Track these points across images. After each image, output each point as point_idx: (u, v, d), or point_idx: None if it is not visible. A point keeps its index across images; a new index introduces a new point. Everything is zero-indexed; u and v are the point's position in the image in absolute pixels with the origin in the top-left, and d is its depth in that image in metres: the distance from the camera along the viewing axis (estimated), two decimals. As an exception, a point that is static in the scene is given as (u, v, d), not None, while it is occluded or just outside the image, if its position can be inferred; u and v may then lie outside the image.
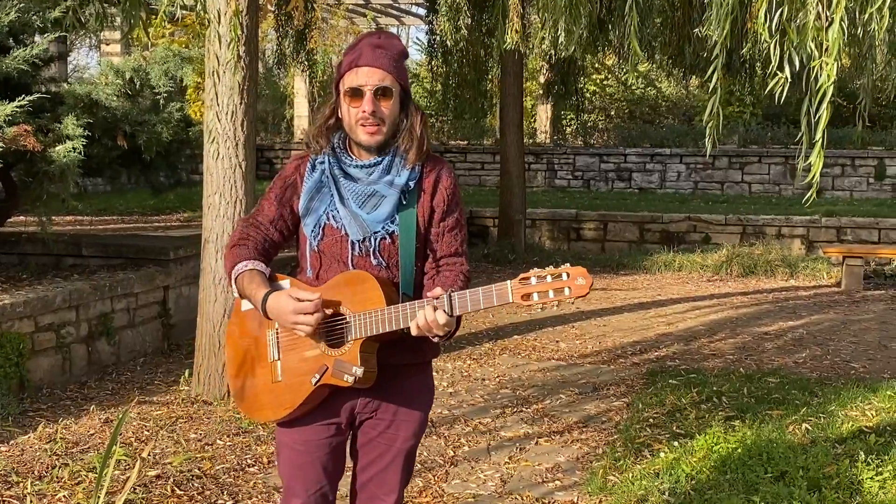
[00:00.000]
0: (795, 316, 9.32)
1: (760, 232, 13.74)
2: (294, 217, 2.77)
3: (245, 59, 6.12)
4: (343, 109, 2.66)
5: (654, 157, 18.68)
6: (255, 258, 2.72)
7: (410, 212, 2.66)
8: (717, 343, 8.06)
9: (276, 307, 2.58)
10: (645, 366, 7.21)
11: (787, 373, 6.88)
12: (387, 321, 2.54)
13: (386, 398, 2.74)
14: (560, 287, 2.43)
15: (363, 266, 2.65)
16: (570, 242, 14.23)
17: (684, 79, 14.45)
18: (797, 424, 5.45)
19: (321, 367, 2.60)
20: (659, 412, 5.81)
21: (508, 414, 5.93)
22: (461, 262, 2.74)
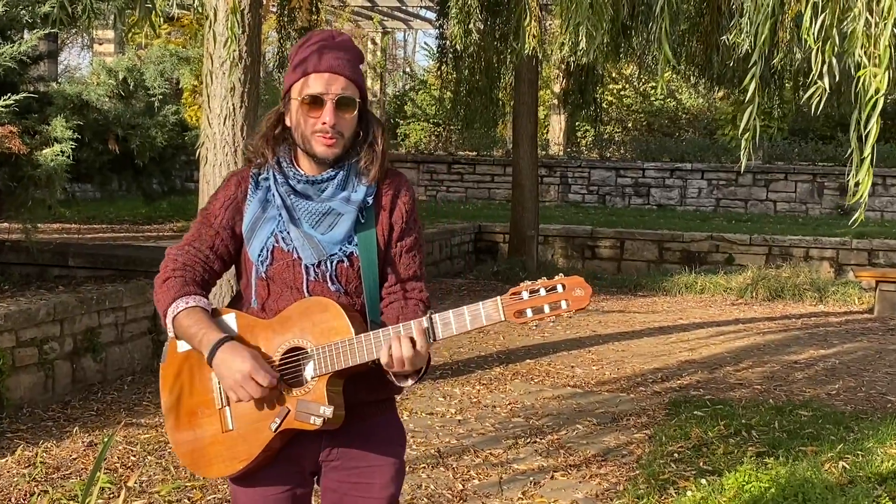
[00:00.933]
0: (826, 344, 9.18)
1: (787, 253, 13.61)
2: (237, 241, 2.56)
3: (246, 59, 6.04)
4: (295, 117, 2.47)
5: (674, 172, 18.58)
6: (195, 292, 2.49)
7: (370, 231, 2.50)
8: (744, 371, 7.92)
9: (228, 358, 2.35)
10: (667, 395, 7.07)
11: (820, 405, 6.74)
12: (356, 353, 2.35)
13: (354, 442, 2.53)
14: (556, 300, 2.29)
15: (320, 293, 2.46)
16: (585, 261, 14.11)
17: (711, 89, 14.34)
18: (833, 462, 5.31)
19: (281, 410, 2.38)
20: (684, 446, 5.68)
21: (521, 445, 5.79)
22: (419, 287, 2.56)
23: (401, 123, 25.22)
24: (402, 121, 25.39)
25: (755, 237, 13.84)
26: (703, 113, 25.99)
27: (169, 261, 2.54)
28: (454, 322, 2.34)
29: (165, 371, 2.55)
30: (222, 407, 2.46)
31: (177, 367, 2.52)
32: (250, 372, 2.33)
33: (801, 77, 11.30)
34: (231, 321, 2.48)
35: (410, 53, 39.55)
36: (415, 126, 24.84)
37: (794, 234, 14.11)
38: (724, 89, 14.97)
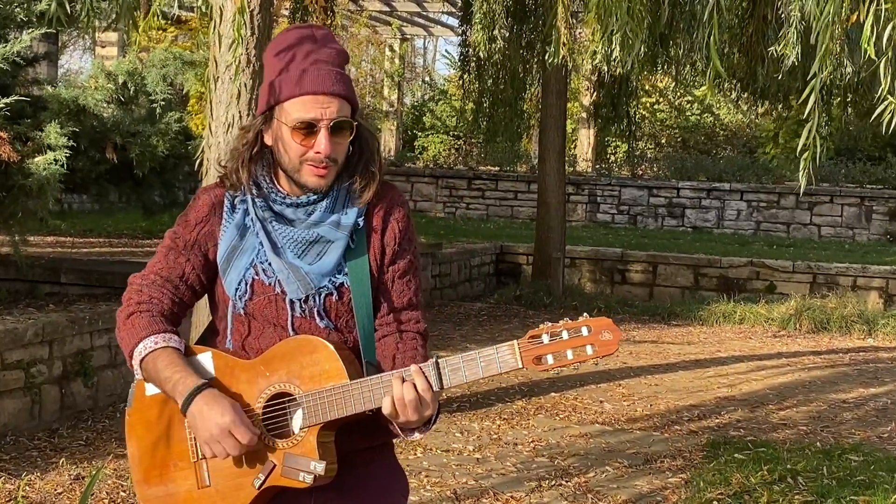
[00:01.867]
0: (877, 381, 8.99)
1: (833, 282, 13.42)
2: (210, 269, 2.37)
3: (254, 63, 5.92)
4: (283, 140, 2.28)
5: (711, 192, 18.45)
6: (164, 329, 2.30)
7: (362, 258, 2.33)
8: (788, 411, 7.74)
9: (205, 409, 2.18)
10: (704, 435, 6.91)
11: (872, 449, 6.57)
12: (353, 401, 2.19)
13: (348, 494, 2.35)
14: (580, 345, 2.15)
15: (307, 330, 2.30)
16: (614, 286, 13.96)
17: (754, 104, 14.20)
18: (889, 514, 5.14)
19: (266, 464, 2.22)
20: (724, 493, 5.51)
21: (546, 488, 5.64)
22: (416, 317, 2.39)
23: (419, 135, 25.21)
24: (420, 133, 25.38)
25: (798, 264, 13.66)
26: (742, 130, 25.87)
27: (133, 292, 2.36)
28: (464, 368, 2.19)
29: (132, 417, 2.37)
30: (198, 460, 2.29)
31: (145, 412, 2.35)
32: (229, 426, 2.16)
33: (851, 93, 11.16)
34: (207, 361, 2.30)
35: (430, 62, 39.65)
36: (434, 139, 24.81)
37: (841, 261, 13.92)
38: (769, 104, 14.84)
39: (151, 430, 2.33)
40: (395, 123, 24.23)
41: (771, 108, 17.45)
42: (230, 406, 2.18)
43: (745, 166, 19.80)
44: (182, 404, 2.21)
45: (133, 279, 2.37)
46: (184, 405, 2.20)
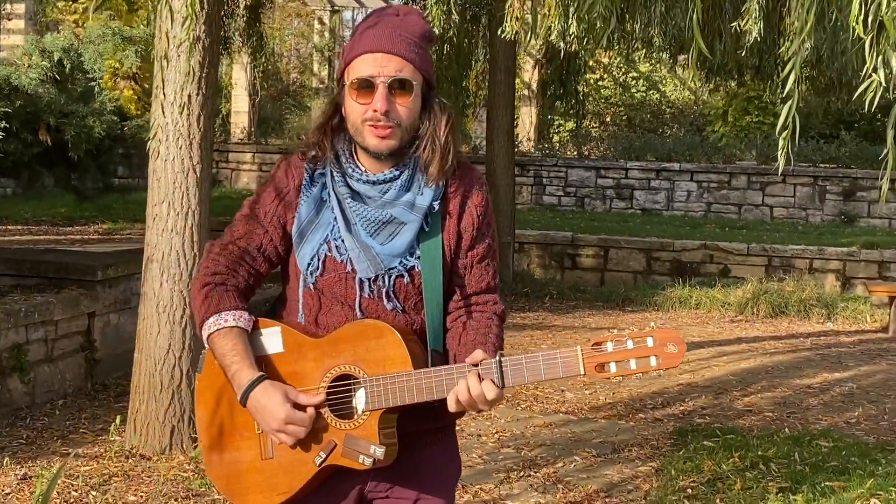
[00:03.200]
0: (841, 367, 9.29)
1: (789, 265, 13.77)
2: (286, 242, 2.49)
3: (204, 40, 5.98)
4: (348, 105, 2.39)
5: (661, 172, 18.72)
6: (236, 306, 2.43)
7: (435, 241, 2.42)
8: (752, 397, 7.99)
9: (262, 406, 2.34)
10: (670, 422, 7.12)
11: (841, 435, 6.81)
12: (415, 391, 2.32)
13: (405, 476, 2.50)
14: (645, 356, 2.29)
15: (374, 310, 2.42)
16: (564, 271, 14.16)
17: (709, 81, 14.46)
18: (864, 500, 5.36)
19: (328, 443, 2.36)
20: (696, 480, 5.71)
21: (514, 479, 5.78)
22: (493, 299, 2.52)
23: (351, 114, 25.15)
24: (352, 111, 25.31)
25: (753, 246, 13.99)
26: (689, 107, 26.24)
27: (209, 261, 2.49)
28: (526, 369, 2.31)
29: (201, 384, 2.52)
30: (262, 431, 2.43)
31: (214, 380, 2.48)
32: (286, 419, 2.32)
33: (809, 68, 11.46)
34: (276, 337, 2.44)
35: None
36: (367, 117, 24.77)
37: (795, 243, 14.28)
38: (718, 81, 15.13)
39: (220, 398, 2.47)
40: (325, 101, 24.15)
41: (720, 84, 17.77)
42: (283, 399, 2.33)
43: (694, 145, 20.10)
44: (240, 398, 2.35)
45: (211, 246, 2.49)
46: (242, 400, 2.35)
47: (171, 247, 6.00)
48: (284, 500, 2.42)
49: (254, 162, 20.28)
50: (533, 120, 22.12)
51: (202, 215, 6.08)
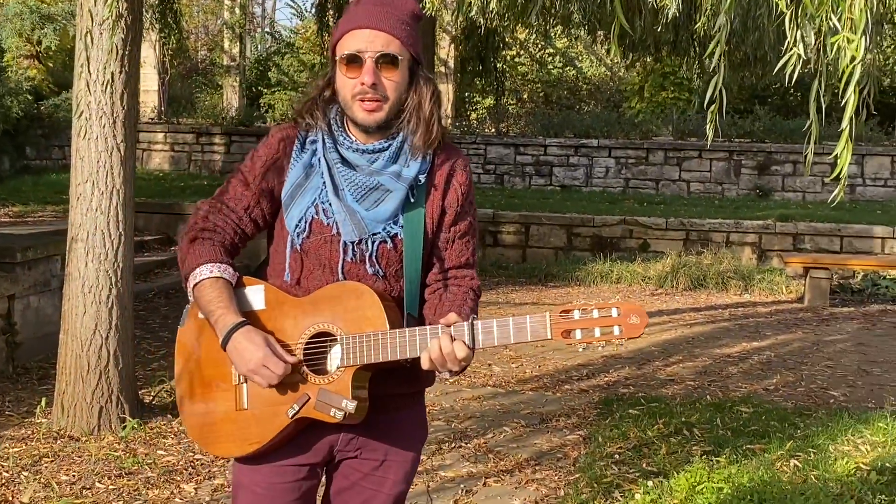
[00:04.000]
0: (759, 336, 9.64)
1: (706, 238, 14.13)
2: (274, 204, 2.64)
3: (127, 17, 6.02)
4: (339, 80, 2.56)
5: (579, 149, 19.00)
6: (221, 259, 2.58)
7: (419, 211, 2.57)
8: (674, 367, 8.27)
9: (243, 348, 2.47)
10: (596, 393, 7.35)
11: (760, 401, 7.11)
12: (389, 348, 2.46)
13: (375, 434, 2.66)
14: (609, 325, 2.43)
15: (356, 274, 2.57)
16: (486, 248, 14.35)
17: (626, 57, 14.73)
18: (784, 461, 5.64)
19: (301, 396, 2.50)
20: (623, 447, 5.94)
21: (446, 450, 5.96)
22: (471, 275, 2.69)
23: (265, 92, 24.99)
24: (265, 89, 25.15)
25: (671, 221, 14.32)
26: (605, 83, 26.63)
27: (199, 218, 2.63)
28: (497, 331, 2.44)
29: (183, 336, 2.66)
30: (239, 384, 2.57)
31: (195, 332, 2.63)
32: (263, 360, 2.45)
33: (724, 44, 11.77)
34: (258, 295, 2.58)
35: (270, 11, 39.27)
36: (281, 95, 24.65)
37: (712, 217, 14.65)
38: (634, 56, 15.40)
39: (199, 350, 2.63)
40: (237, 79, 23.97)
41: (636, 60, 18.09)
42: (264, 341, 2.47)
43: (611, 121, 20.41)
44: (222, 340, 2.49)
45: (201, 204, 2.63)
46: (223, 341, 2.48)
47: (96, 226, 6.05)
48: (256, 449, 2.56)
49: (165, 142, 20.12)
50: (450, 97, 22.23)
51: (127, 194, 6.13)
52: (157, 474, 5.35)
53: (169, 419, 6.27)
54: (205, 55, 30.26)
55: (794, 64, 4.43)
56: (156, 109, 21.68)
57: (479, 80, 16.64)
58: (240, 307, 2.55)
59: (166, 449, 5.80)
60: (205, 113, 22.32)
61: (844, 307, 11.62)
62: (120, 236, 6.11)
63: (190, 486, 5.22)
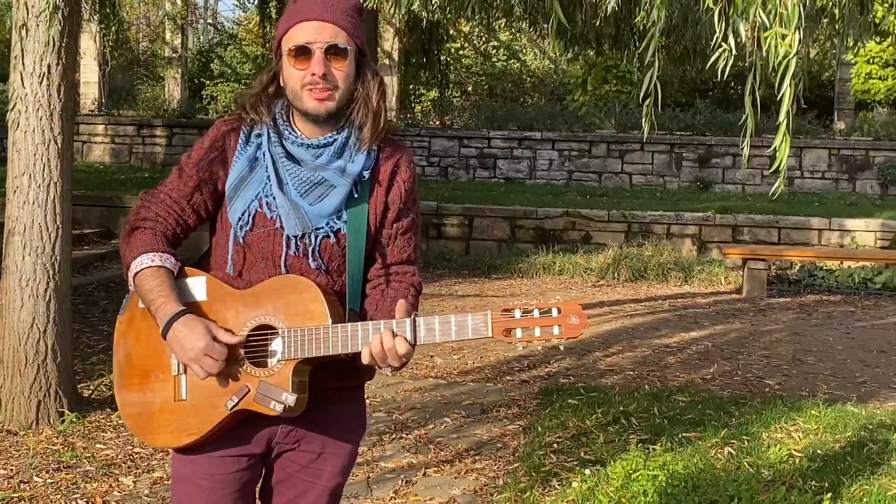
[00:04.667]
0: (697, 326, 9.78)
1: (647, 230, 14.30)
2: (217, 196, 2.65)
3: (64, 9, 5.98)
4: (286, 72, 2.57)
5: (523, 141, 19.11)
6: (163, 249, 2.59)
7: (362, 207, 2.59)
8: (614, 357, 8.38)
9: (182, 337, 2.47)
10: (536, 383, 7.43)
11: (697, 390, 7.23)
12: (331, 343, 2.47)
13: (313, 427, 2.67)
14: (549, 325, 2.46)
15: (298, 268, 2.58)
16: (430, 241, 14.40)
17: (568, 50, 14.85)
18: (719, 448, 5.75)
19: (241, 388, 2.51)
20: (562, 436, 6.01)
21: (387, 441, 6.00)
22: (412, 271, 2.71)
23: (207, 84, 24.84)
24: (208, 81, 25.00)
25: (613, 213, 14.47)
26: (549, 76, 26.78)
27: (141, 208, 2.63)
28: (438, 328, 2.46)
29: (122, 326, 2.65)
30: (178, 374, 2.57)
31: (135, 323, 2.62)
32: (205, 349, 2.46)
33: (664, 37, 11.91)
34: (200, 286, 2.59)
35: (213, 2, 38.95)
36: (223, 87, 24.52)
37: (654, 209, 14.82)
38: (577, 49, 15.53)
39: (139, 340, 2.61)
40: (179, 71, 23.79)
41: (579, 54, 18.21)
42: (205, 330, 2.47)
43: (555, 114, 20.54)
44: (162, 329, 2.49)
45: (143, 194, 2.63)
46: (163, 330, 2.48)
47: (34, 220, 6.01)
48: (193, 440, 2.56)
49: (106, 134, 19.95)
50: (395, 90, 22.23)
51: (64, 187, 6.10)
52: (95, 468, 5.34)
53: (108, 413, 6.25)
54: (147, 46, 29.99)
55: (725, 59, 4.52)
56: (96, 101, 21.47)
57: (423, 73, 16.65)
58: (181, 298, 2.54)
59: (105, 442, 5.78)
60: (146, 105, 22.15)
61: (781, 297, 11.83)
62: (57, 229, 6.07)
63: (129, 479, 5.22)
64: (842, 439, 6.00)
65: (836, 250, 13.65)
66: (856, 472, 5.37)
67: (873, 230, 14.18)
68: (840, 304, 11.55)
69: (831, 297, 12.03)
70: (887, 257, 12.71)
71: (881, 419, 6.47)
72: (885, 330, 10.00)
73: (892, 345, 9.25)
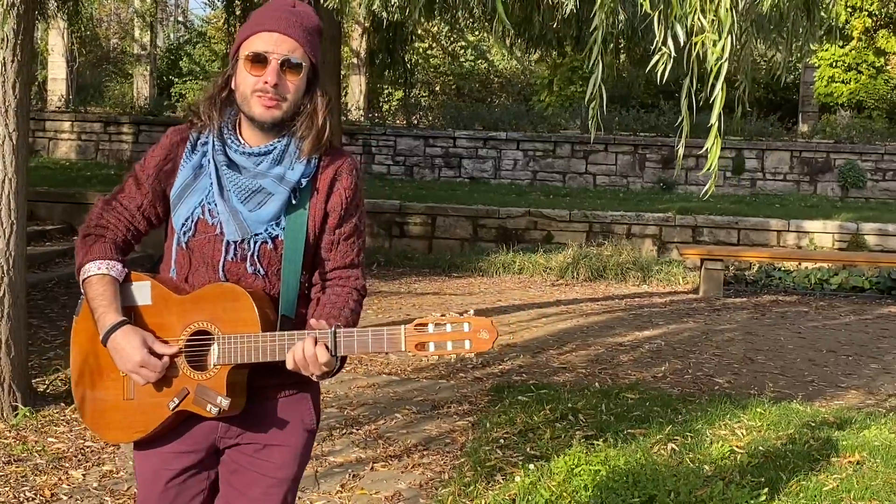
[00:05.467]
0: (651, 325, 9.90)
1: (608, 230, 14.43)
2: (166, 203, 2.77)
3: (19, 6, 6.00)
4: (239, 77, 2.67)
5: (488, 141, 19.22)
6: (111, 255, 2.71)
7: (300, 213, 2.69)
8: (568, 355, 8.47)
9: (121, 348, 2.61)
10: (489, 381, 7.50)
11: (647, 388, 7.32)
12: (259, 350, 2.60)
13: (252, 423, 2.76)
14: (460, 339, 2.55)
15: (236, 273, 2.68)
16: (393, 239, 14.48)
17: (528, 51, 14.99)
18: (662, 444, 5.84)
19: (181, 390, 2.64)
20: (509, 432, 6.09)
21: (337, 436, 6.06)
22: (356, 275, 2.79)
23: (176, 82, 24.84)
24: (177, 79, 25.00)
25: (575, 213, 14.59)
26: (517, 77, 26.91)
27: (94, 216, 2.79)
28: (356, 341, 2.57)
29: (78, 326, 2.77)
30: (126, 374, 2.69)
31: (89, 323, 2.72)
32: (141, 362, 2.60)
33: (625, 40, 12.03)
34: (145, 290, 2.71)
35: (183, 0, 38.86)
36: (192, 85, 24.54)
37: (616, 209, 14.96)
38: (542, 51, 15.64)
39: (92, 341, 2.72)
40: (147, 68, 23.77)
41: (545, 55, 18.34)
42: (141, 343, 2.61)
43: (520, 115, 20.66)
44: (102, 338, 2.63)
45: (98, 201, 2.77)
46: (103, 339, 2.64)
47: (-12, 215, 6.03)
48: (140, 437, 2.71)
49: (72, 130, 19.91)
50: (362, 89, 22.32)
51: (19, 183, 6.12)
52: (46, 461, 5.38)
53: (62, 407, 6.28)
54: (117, 43, 29.91)
55: (665, 63, 4.61)
56: (63, 98, 21.41)
57: (388, 73, 16.71)
58: (126, 301, 2.68)
59: (57, 436, 5.82)
60: (113, 102, 22.11)
61: (738, 297, 11.98)
62: (12, 225, 6.09)
63: (78, 473, 5.26)
64: (784, 436, 6.11)
65: (793, 251, 13.84)
66: (795, 468, 5.48)
67: (831, 232, 14.38)
68: (795, 305, 11.71)
69: (787, 298, 12.19)
70: (844, 258, 12.90)
71: (824, 417, 6.59)
72: (836, 330, 10.16)
73: (841, 344, 9.41)
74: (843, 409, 6.96)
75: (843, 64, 21.04)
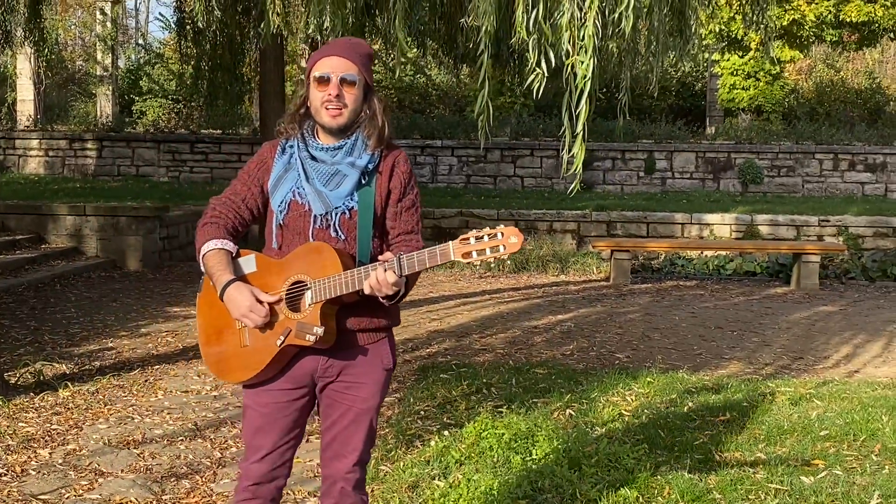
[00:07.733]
0: (564, 310, 10.29)
1: (532, 227, 14.81)
2: (263, 196, 3.35)
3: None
4: (311, 95, 3.26)
5: (425, 149, 19.55)
6: (224, 237, 3.30)
7: (368, 191, 3.26)
8: (488, 338, 8.83)
9: (233, 298, 3.19)
10: (416, 362, 7.82)
11: (555, 364, 7.69)
12: (342, 284, 3.12)
13: (345, 360, 3.30)
14: (496, 245, 3.00)
15: (323, 238, 3.23)
16: (337, 240, 14.73)
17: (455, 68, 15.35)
18: (561, 411, 6.22)
19: (285, 329, 3.18)
20: (430, 405, 6.43)
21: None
22: (416, 238, 3.34)
23: (136, 100, 24.84)
24: (137, 97, 24.99)
25: (502, 212, 14.97)
26: (452, 90, 27.20)
27: (210, 208, 3.39)
28: (416, 260, 3.06)
29: (201, 300, 3.39)
30: (242, 328, 3.28)
31: (209, 296, 3.34)
32: (249, 307, 3.19)
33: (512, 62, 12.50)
34: (251, 261, 3.29)
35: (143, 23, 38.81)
36: (152, 103, 24.52)
37: (540, 208, 15.36)
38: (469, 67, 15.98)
39: (212, 308, 3.34)
40: (110, 88, 23.78)
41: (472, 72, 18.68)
42: (249, 293, 3.21)
43: (455, 124, 20.98)
44: (219, 293, 3.25)
45: (212, 199, 3.43)
46: (220, 294, 3.25)
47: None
48: (257, 372, 3.25)
49: (40, 148, 20.00)
50: (310, 103, 22.43)
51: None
52: (16, 442, 5.63)
53: (31, 397, 6.52)
54: (81, 65, 29.84)
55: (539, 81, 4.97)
56: (31, 118, 21.45)
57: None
58: (238, 272, 3.26)
59: (27, 421, 6.06)
60: (78, 120, 22.15)
61: (644, 284, 12.42)
62: (-18, 235, 6.34)
63: (45, 452, 5.52)
64: (667, 401, 6.51)
65: (694, 241, 14.32)
66: (672, 427, 5.88)
67: (728, 223, 14.90)
68: (693, 289, 12.17)
69: (687, 283, 12.66)
70: (738, 246, 13.41)
71: (705, 383, 7.01)
72: (725, 309, 10.62)
73: (728, 322, 9.86)
74: (723, 376, 7.38)
75: (743, 72, 21.60)
